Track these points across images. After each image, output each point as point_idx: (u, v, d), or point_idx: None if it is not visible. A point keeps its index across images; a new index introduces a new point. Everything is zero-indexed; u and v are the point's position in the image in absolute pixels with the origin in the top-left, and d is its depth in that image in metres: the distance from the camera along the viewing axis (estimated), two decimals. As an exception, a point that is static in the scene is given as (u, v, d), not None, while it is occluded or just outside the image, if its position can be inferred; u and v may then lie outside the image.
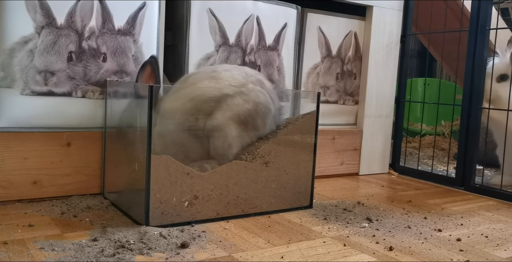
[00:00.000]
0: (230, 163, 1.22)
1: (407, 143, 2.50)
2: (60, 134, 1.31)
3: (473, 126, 1.72)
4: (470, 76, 1.73)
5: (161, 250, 0.98)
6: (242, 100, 1.21)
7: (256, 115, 1.23)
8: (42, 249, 0.96)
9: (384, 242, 1.11)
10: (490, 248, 1.11)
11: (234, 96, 1.21)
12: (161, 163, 1.11)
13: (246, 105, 1.21)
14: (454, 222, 1.31)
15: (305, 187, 1.36)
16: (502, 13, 2.69)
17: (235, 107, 1.20)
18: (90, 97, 1.35)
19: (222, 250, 1.01)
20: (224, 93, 1.20)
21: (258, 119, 1.23)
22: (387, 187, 1.74)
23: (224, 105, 1.20)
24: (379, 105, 1.95)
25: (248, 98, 1.21)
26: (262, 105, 1.23)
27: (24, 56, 1.25)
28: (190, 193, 1.16)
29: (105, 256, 0.93)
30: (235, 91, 1.21)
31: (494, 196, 1.63)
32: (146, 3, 1.41)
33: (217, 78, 1.23)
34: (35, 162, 1.28)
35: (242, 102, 1.21)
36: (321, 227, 1.21)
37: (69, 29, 1.30)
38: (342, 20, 1.86)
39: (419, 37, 2.72)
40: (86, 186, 1.36)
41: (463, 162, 1.75)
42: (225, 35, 1.55)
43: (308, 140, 1.35)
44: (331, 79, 1.87)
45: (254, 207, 1.27)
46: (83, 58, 1.33)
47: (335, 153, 1.86)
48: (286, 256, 0.99)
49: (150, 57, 1.31)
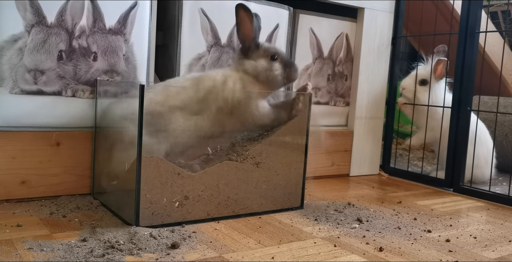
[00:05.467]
0: (221, 163, 1.21)
1: (397, 144, 2.51)
2: (49, 133, 1.30)
3: (462, 128, 1.74)
4: (459, 79, 1.75)
5: (151, 251, 0.98)
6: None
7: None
8: (31, 249, 0.95)
9: (374, 243, 1.11)
10: (479, 249, 1.12)
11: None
12: (152, 163, 1.10)
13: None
14: (443, 223, 1.32)
15: (296, 187, 1.36)
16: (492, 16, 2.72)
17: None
18: (80, 97, 1.34)
19: (213, 250, 1.01)
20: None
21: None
22: (378, 188, 1.75)
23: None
24: (370, 107, 1.96)
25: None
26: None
27: (14, 54, 1.24)
28: (181, 193, 1.15)
29: (95, 257, 0.92)
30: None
31: (483, 197, 1.65)
32: (137, 2, 1.40)
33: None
34: (23, 161, 1.27)
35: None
36: (312, 227, 1.21)
37: (60, 27, 1.29)
38: (333, 22, 1.86)
39: (409, 40, 2.74)
40: (76, 186, 1.34)
41: (452, 164, 1.77)
42: (216, 36, 1.55)
43: (299, 140, 1.36)
44: (322, 81, 1.87)
45: (245, 208, 1.27)
46: (73, 57, 1.32)
47: (326, 154, 1.86)
48: (276, 257, 0.99)
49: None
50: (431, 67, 1.85)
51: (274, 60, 1.31)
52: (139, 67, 1.43)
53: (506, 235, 1.24)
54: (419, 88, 1.88)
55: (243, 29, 1.29)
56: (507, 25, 2.63)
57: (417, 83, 1.89)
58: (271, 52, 1.31)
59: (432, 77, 1.85)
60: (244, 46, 1.31)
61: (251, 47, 1.30)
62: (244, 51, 1.31)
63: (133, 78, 1.42)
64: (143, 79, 1.44)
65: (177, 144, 1.23)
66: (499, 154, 1.96)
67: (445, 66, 1.82)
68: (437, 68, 1.84)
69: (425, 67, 1.91)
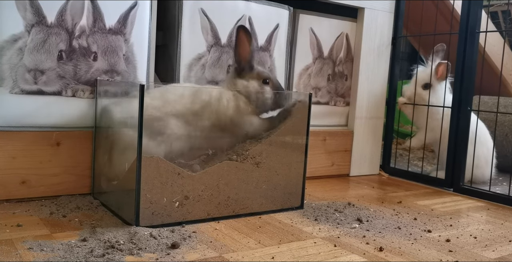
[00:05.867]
0: (221, 163, 1.21)
1: (398, 144, 2.51)
2: (50, 133, 1.30)
3: (462, 128, 1.74)
4: (459, 79, 1.75)
5: (151, 251, 0.98)
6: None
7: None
8: (31, 249, 0.95)
9: (374, 243, 1.11)
10: (479, 249, 1.12)
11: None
12: (152, 163, 1.10)
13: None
14: (443, 223, 1.32)
15: (296, 187, 1.36)
16: (492, 16, 2.72)
17: None
18: (80, 97, 1.34)
19: (213, 250, 1.01)
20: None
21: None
22: (378, 188, 1.75)
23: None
24: (370, 107, 1.96)
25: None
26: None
27: (14, 54, 1.24)
28: (181, 193, 1.15)
29: (95, 257, 0.92)
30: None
31: (483, 197, 1.65)
32: (137, 2, 1.40)
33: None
34: (23, 161, 1.27)
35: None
36: (312, 227, 1.21)
37: (60, 27, 1.29)
38: (334, 22, 1.86)
39: (409, 40, 2.73)
40: (76, 186, 1.34)
41: (452, 164, 1.77)
42: (217, 36, 1.55)
43: (299, 140, 1.36)
44: (322, 81, 1.87)
45: (245, 208, 1.27)
46: (74, 57, 1.32)
47: (326, 154, 1.86)
48: (276, 257, 0.99)
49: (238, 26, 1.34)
50: (431, 68, 1.84)
51: (266, 84, 1.35)
52: (139, 67, 1.43)
53: (506, 235, 1.24)
54: (423, 92, 1.87)
55: (241, 50, 1.33)
56: (507, 25, 2.63)
57: (421, 88, 1.87)
58: (264, 76, 1.36)
59: (433, 79, 1.85)
60: (239, 66, 1.34)
61: (246, 68, 1.34)
62: (238, 71, 1.35)
63: (133, 78, 1.42)
64: (143, 79, 1.44)
65: (174, 148, 1.24)
66: (499, 154, 1.96)
67: (446, 68, 1.82)
68: (438, 70, 1.84)
69: (425, 69, 1.90)
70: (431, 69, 1.85)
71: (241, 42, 1.32)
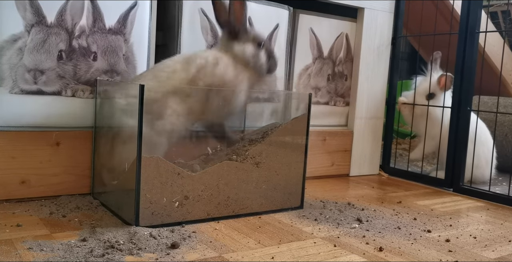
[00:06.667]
0: (221, 163, 1.21)
1: (397, 144, 2.51)
2: (49, 133, 1.30)
3: (462, 128, 1.74)
4: (459, 79, 1.75)
5: (151, 251, 0.98)
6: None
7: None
8: (31, 249, 0.95)
9: (374, 243, 1.11)
10: (479, 249, 1.12)
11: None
12: (152, 163, 1.10)
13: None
14: (443, 223, 1.32)
15: (296, 187, 1.36)
16: (492, 16, 2.72)
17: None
18: (80, 97, 1.34)
19: (213, 250, 1.01)
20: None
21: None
22: (377, 188, 1.75)
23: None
24: (369, 107, 1.96)
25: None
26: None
27: (13, 54, 1.24)
28: (181, 193, 1.15)
29: (94, 257, 0.92)
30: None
31: (483, 197, 1.65)
32: (137, 2, 1.40)
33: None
34: (23, 161, 1.27)
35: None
36: (312, 227, 1.21)
37: (59, 27, 1.29)
38: (333, 22, 1.86)
39: (409, 40, 2.73)
40: (75, 186, 1.34)
41: (452, 164, 1.77)
42: (216, 36, 1.55)
43: (299, 140, 1.36)
44: (322, 81, 1.87)
45: (244, 208, 1.27)
46: (73, 57, 1.32)
47: (326, 154, 1.86)
48: (276, 257, 0.99)
49: None
50: (431, 78, 1.85)
51: (260, 47, 1.31)
52: (139, 67, 1.43)
53: (506, 235, 1.24)
54: (426, 103, 1.88)
55: (236, 12, 1.27)
56: (507, 25, 2.63)
57: (424, 98, 1.88)
58: (260, 40, 1.31)
59: (436, 89, 1.86)
60: (234, 29, 1.29)
61: (241, 30, 1.29)
62: (232, 34, 1.30)
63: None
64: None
65: (175, 132, 1.22)
66: (499, 154, 1.96)
67: (447, 80, 1.83)
68: (441, 80, 1.85)
69: (425, 78, 1.91)
70: (432, 78, 1.85)
71: (236, 3, 1.26)
